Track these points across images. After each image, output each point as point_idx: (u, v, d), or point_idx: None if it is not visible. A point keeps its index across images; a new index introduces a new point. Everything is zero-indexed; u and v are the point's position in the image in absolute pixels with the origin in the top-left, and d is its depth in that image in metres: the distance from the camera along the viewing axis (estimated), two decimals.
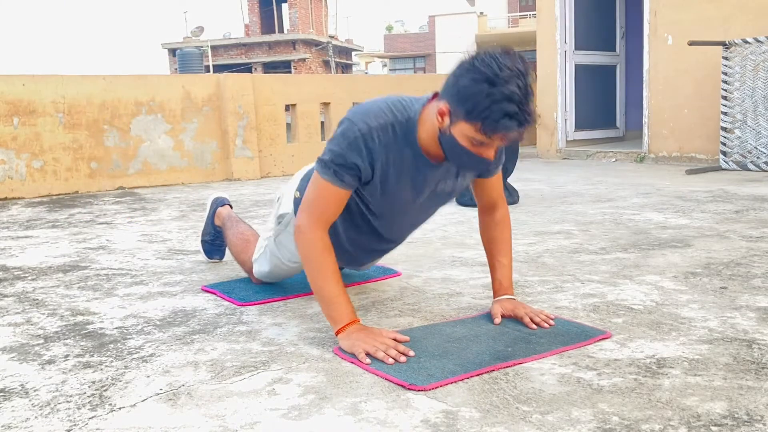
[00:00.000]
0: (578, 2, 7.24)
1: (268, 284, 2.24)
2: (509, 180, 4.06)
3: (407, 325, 1.84)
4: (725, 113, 5.57)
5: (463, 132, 1.52)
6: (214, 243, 2.67)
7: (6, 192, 5.21)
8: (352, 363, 1.56)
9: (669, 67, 6.22)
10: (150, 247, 3.09)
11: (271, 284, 2.25)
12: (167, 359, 1.63)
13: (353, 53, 35.53)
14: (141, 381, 1.50)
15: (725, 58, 5.53)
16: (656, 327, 1.75)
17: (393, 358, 1.54)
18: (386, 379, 1.46)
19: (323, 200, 1.67)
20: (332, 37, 31.11)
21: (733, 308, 1.89)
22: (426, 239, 3.01)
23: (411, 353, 1.57)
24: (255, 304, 2.07)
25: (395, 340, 1.62)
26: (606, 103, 7.77)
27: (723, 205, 3.71)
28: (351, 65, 34.61)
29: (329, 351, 1.65)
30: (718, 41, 5.57)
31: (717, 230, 3.03)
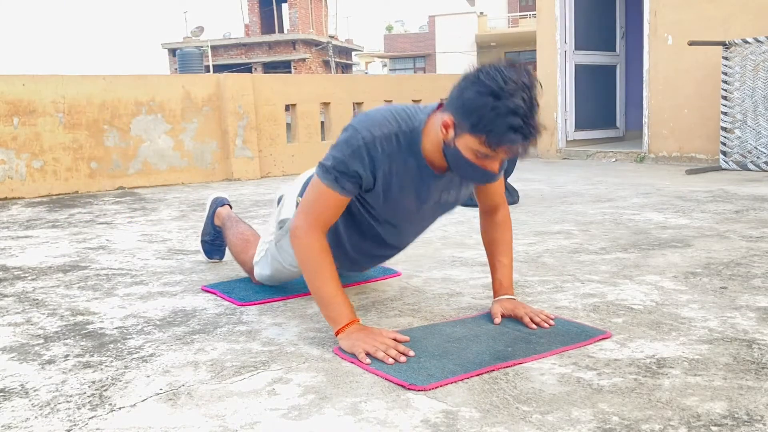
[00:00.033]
0: (578, 2, 7.24)
1: (268, 284, 2.24)
2: (509, 180, 4.06)
3: (407, 325, 1.84)
4: (725, 113, 5.57)
5: (468, 144, 1.52)
6: (214, 243, 2.68)
7: (6, 192, 5.21)
8: (352, 363, 1.56)
9: (669, 67, 6.22)
10: (150, 247, 3.09)
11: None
12: (167, 359, 1.64)
13: (353, 53, 35.54)
14: (141, 381, 1.50)
15: (725, 58, 5.53)
16: (656, 327, 1.75)
17: (393, 358, 1.54)
18: (386, 379, 1.46)
19: (322, 205, 1.67)
20: (332, 37, 31.12)
21: (733, 308, 1.90)
22: (426, 239, 3.01)
23: (411, 353, 1.57)
24: (255, 304, 2.07)
25: (395, 340, 1.62)
26: (606, 103, 7.77)
27: (723, 205, 3.71)
28: (351, 65, 34.63)
29: (329, 351, 1.65)
30: (718, 41, 5.57)
31: (717, 230, 3.03)
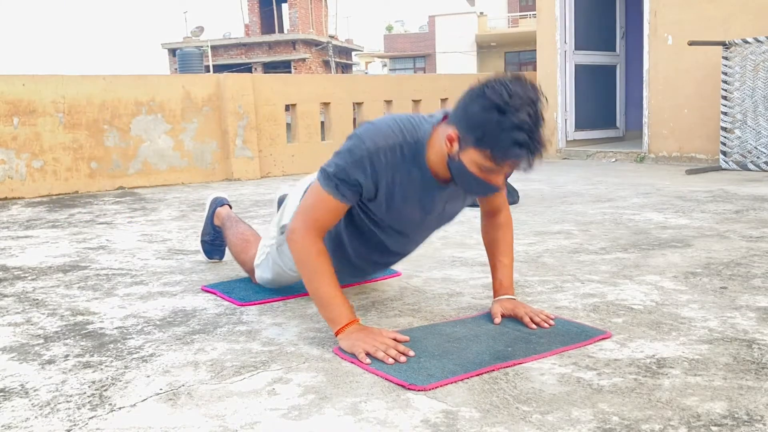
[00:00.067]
0: (578, 2, 7.24)
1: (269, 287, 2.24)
2: (509, 180, 4.05)
3: (407, 325, 1.84)
4: (725, 113, 5.57)
5: (473, 159, 1.52)
6: (214, 243, 2.68)
7: (6, 192, 5.21)
8: (352, 363, 1.56)
9: (669, 67, 6.22)
10: (150, 247, 3.09)
11: None
12: (167, 359, 1.64)
13: (353, 53, 35.54)
14: (141, 381, 1.50)
15: (725, 58, 5.53)
16: (656, 327, 1.75)
17: (393, 358, 1.54)
18: (386, 379, 1.46)
19: (320, 210, 1.67)
20: (332, 37, 31.12)
21: (733, 308, 1.90)
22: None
23: (411, 353, 1.57)
24: (255, 304, 2.07)
25: (395, 340, 1.62)
26: (606, 103, 7.77)
27: (723, 205, 3.71)
28: (351, 65, 34.63)
29: (329, 351, 1.65)
30: (718, 41, 5.57)
31: (717, 230, 3.03)
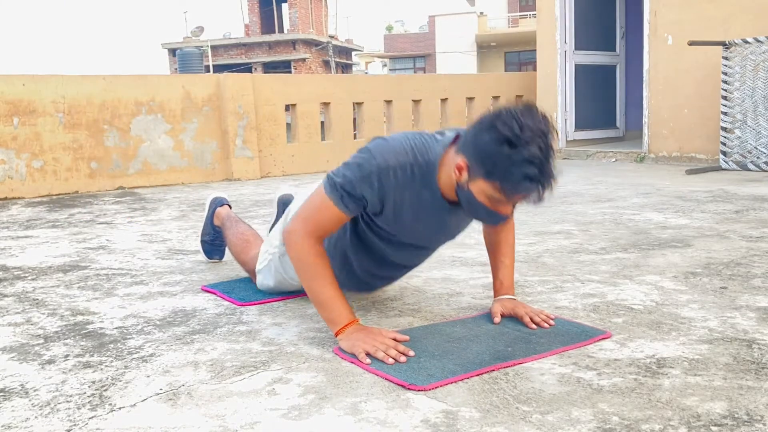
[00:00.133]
0: (578, 2, 7.24)
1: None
2: None
3: (407, 325, 1.84)
4: (725, 113, 5.57)
5: (482, 189, 1.52)
6: (214, 243, 2.68)
7: (6, 192, 5.21)
8: (352, 363, 1.56)
9: (669, 67, 6.22)
10: (150, 247, 3.09)
11: None
12: (167, 359, 1.64)
13: (353, 53, 35.53)
14: (141, 381, 1.50)
15: (725, 58, 5.53)
16: (656, 327, 1.75)
17: (393, 358, 1.54)
18: (386, 379, 1.46)
19: (321, 217, 1.67)
20: (332, 37, 31.12)
21: (733, 308, 1.90)
22: None
23: (411, 353, 1.57)
24: (255, 304, 2.07)
25: (395, 340, 1.63)
26: (606, 103, 7.77)
27: (723, 205, 3.71)
28: (351, 65, 34.62)
29: (329, 351, 1.65)
30: (718, 41, 5.57)
31: (717, 230, 3.03)
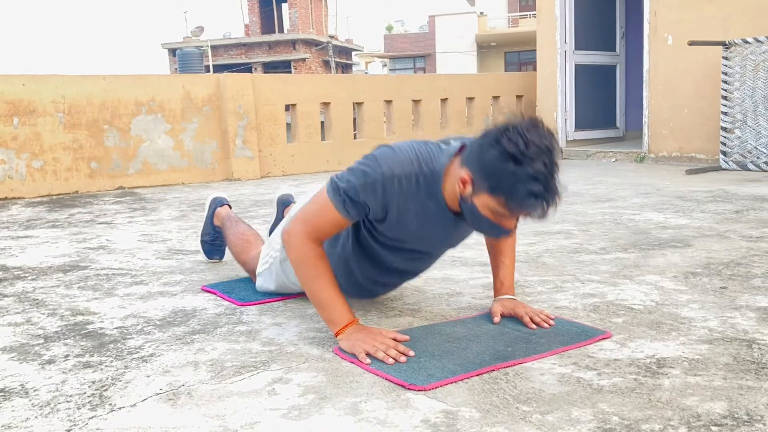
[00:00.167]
0: (578, 2, 7.24)
1: None
2: None
3: (407, 325, 1.84)
4: (725, 113, 5.57)
5: (486, 203, 1.52)
6: (214, 243, 2.68)
7: (6, 192, 5.21)
8: (352, 363, 1.56)
9: (669, 67, 6.22)
10: (150, 247, 3.09)
11: None
12: (167, 359, 1.64)
13: (353, 53, 35.53)
14: (141, 381, 1.50)
15: (725, 58, 5.53)
16: (656, 327, 1.75)
17: (393, 358, 1.54)
18: (386, 379, 1.46)
19: (322, 219, 1.67)
20: (332, 37, 31.11)
21: (733, 308, 1.90)
22: None
23: (411, 353, 1.57)
24: (255, 304, 2.07)
25: (395, 340, 1.63)
26: (606, 103, 7.77)
27: (723, 205, 3.71)
28: (351, 65, 34.61)
29: (329, 351, 1.65)
30: (718, 41, 5.57)
31: (717, 230, 3.03)
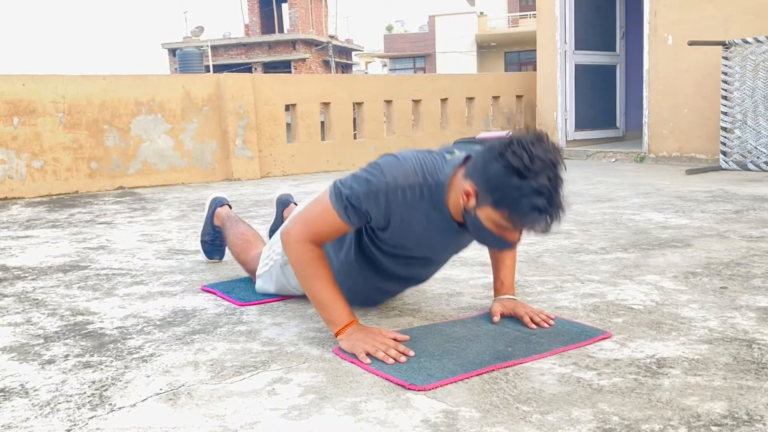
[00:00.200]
0: (578, 2, 7.24)
1: None
2: None
3: (407, 325, 1.84)
4: (725, 113, 5.57)
5: (489, 216, 1.52)
6: (214, 243, 2.68)
7: (6, 192, 5.21)
8: (352, 363, 1.56)
9: (669, 67, 6.22)
10: (150, 247, 3.09)
11: None
12: (167, 359, 1.64)
13: (353, 53, 35.52)
14: (141, 381, 1.50)
15: (725, 58, 5.53)
16: (656, 327, 1.75)
17: (393, 358, 1.54)
18: (386, 379, 1.46)
19: (323, 223, 1.67)
20: (332, 37, 31.10)
21: (733, 308, 1.90)
22: None
23: (411, 353, 1.58)
24: (255, 304, 2.07)
25: (395, 340, 1.63)
26: (606, 103, 7.77)
27: (723, 205, 3.71)
28: (351, 65, 34.61)
29: (329, 351, 1.65)
30: (718, 41, 5.57)
31: (717, 230, 3.03)
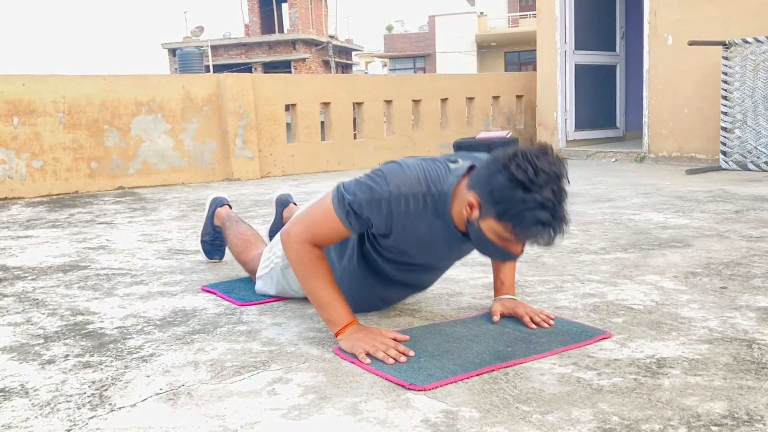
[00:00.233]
0: (578, 2, 7.24)
1: None
2: None
3: (407, 325, 1.84)
4: (725, 113, 5.57)
5: (492, 228, 1.52)
6: (214, 243, 2.68)
7: (6, 192, 5.21)
8: (352, 363, 1.56)
9: (669, 67, 6.22)
10: (150, 247, 3.09)
11: None
12: (167, 359, 1.64)
13: (353, 53, 35.52)
14: (141, 381, 1.50)
15: (725, 58, 5.53)
16: (656, 327, 1.75)
17: (393, 358, 1.54)
18: (386, 379, 1.46)
19: (324, 227, 1.67)
20: (332, 37, 31.10)
21: (733, 308, 1.90)
22: None
23: (411, 353, 1.58)
24: (255, 304, 2.07)
25: (395, 340, 1.63)
26: (606, 103, 7.77)
27: (723, 205, 3.71)
28: (351, 65, 34.61)
29: (329, 351, 1.65)
30: (718, 41, 5.57)
31: (717, 230, 3.03)
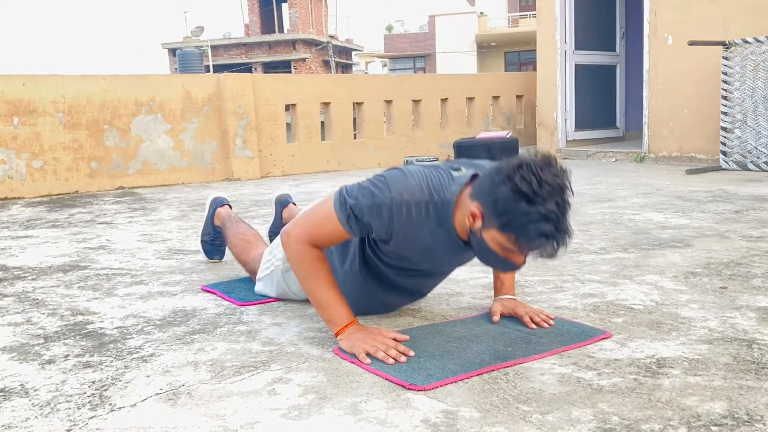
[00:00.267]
0: (578, 2, 7.24)
1: None
2: None
3: (407, 325, 1.84)
4: (725, 113, 5.57)
5: (495, 239, 1.51)
6: (214, 243, 2.68)
7: (6, 192, 5.21)
8: (352, 363, 1.56)
9: (669, 67, 6.22)
10: (150, 247, 3.09)
11: None
12: (167, 359, 1.64)
13: (353, 53, 35.51)
14: (141, 381, 1.50)
15: (725, 58, 5.53)
16: (656, 327, 1.76)
17: (393, 358, 1.54)
18: (386, 379, 1.46)
19: (324, 229, 1.67)
20: (332, 37, 31.09)
21: (733, 308, 1.90)
22: None
23: (411, 353, 1.58)
24: (255, 304, 2.07)
25: (395, 340, 1.63)
26: (606, 103, 7.77)
27: (723, 205, 3.71)
28: (351, 65, 34.60)
29: (329, 351, 1.65)
30: (718, 41, 5.57)
31: (717, 230, 3.03)
